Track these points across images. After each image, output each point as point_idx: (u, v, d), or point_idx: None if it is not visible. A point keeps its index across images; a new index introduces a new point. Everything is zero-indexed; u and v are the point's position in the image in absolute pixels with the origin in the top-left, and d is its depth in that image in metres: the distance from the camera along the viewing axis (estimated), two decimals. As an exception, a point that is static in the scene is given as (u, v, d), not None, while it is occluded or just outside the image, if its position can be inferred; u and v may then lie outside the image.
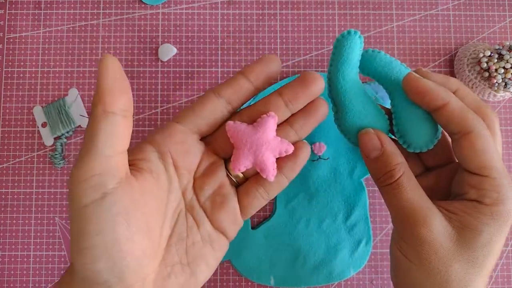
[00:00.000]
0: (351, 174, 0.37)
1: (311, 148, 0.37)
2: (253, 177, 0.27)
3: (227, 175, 0.27)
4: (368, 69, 0.27)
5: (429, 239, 0.24)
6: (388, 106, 0.31)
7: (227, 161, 0.27)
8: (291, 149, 0.26)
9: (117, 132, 0.21)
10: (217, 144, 0.27)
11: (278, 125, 0.26)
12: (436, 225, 0.24)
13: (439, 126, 0.27)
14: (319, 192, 0.37)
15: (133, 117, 0.40)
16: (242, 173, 0.27)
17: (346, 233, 0.37)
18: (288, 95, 0.26)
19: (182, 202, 0.25)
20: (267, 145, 0.25)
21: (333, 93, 0.27)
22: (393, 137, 0.28)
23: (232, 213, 0.26)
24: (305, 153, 0.27)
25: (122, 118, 0.21)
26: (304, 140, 0.27)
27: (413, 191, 0.25)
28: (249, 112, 0.26)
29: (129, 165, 0.23)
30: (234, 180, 0.27)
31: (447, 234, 0.24)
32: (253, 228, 0.38)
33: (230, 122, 0.25)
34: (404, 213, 0.24)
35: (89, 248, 0.20)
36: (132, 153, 0.24)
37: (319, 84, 0.25)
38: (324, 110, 0.26)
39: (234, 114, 0.27)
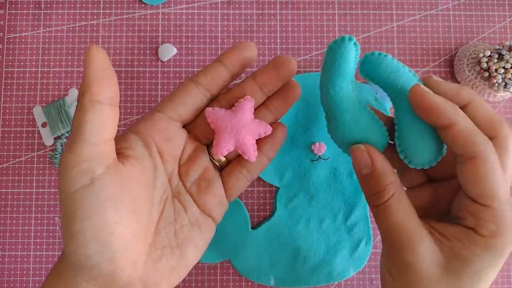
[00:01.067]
0: (351, 174, 0.37)
1: (311, 148, 0.37)
2: (235, 159, 0.28)
3: (210, 159, 0.27)
4: (372, 74, 0.24)
5: (415, 265, 0.23)
6: (388, 107, 0.31)
7: (209, 146, 0.28)
8: (269, 130, 0.27)
9: (104, 120, 0.21)
10: (198, 131, 0.27)
11: (255, 109, 0.27)
12: (423, 251, 0.23)
13: (442, 144, 0.25)
14: (319, 192, 0.37)
15: (133, 117, 0.40)
16: (224, 156, 0.27)
17: (346, 233, 0.37)
18: (262, 79, 0.26)
19: (169, 188, 0.26)
20: (247, 128, 0.26)
21: (324, 104, 0.25)
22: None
23: (218, 196, 0.27)
24: (282, 133, 0.28)
25: (109, 107, 0.22)
26: (280, 121, 0.28)
27: (402, 214, 0.23)
28: (226, 98, 0.27)
29: (116, 153, 0.23)
30: (217, 164, 0.28)
31: (434, 261, 0.23)
32: (253, 228, 0.38)
33: (209, 109, 0.26)
34: (391, 236, 0.24)
35: (79, 232, 0.21)
36: (118, 142, 0.24)
37: (290, 67, 0.26)
38: (297, 91, 0.27)
39: (212, 100, 0.27)
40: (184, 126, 0.27)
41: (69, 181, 0.21)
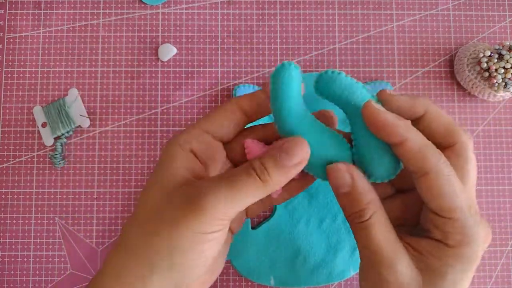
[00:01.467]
0: None
1: None
2: None
3: None
4: (327, 92, 0.24)
5: (394, 283, 0.23)
6: None
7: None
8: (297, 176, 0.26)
9: None
10: (233, 152, 0.27)
11: None
12: (403, 270, 0.23)
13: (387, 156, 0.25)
14: (319, 192, 0.37)
15: (133, 117, 0.40)
16: None
17: (346, 233, 0.37)
18: None
19: None
20: None
21: (282, 131, 0.24)
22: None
23: (241, 215, 0.28)
24: (307, 185, 0.28)
25: None
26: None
27: (382, 233, 0.23)
28: (264, 131, 0.27)
29: None
30: None
31: (413, 278, 0.23)
32: (253, 228, 0.38)
33: (248, 140, 0.26)
34: (371, 254, 0.23)
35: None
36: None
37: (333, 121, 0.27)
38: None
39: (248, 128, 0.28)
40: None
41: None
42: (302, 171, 0.25)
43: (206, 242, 0.23)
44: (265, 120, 0.37)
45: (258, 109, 0.26)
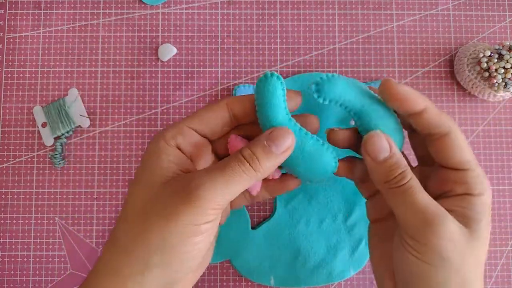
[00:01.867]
0: None
1: None
2: None
3: None
4: (331, 95, 0.25)
5: (450, 238, 0.24)
6: None
7: None
8: (278, 174, 0.28)
9: None
10: (221, 148, 0.29)
11: None
12: (451, 225, 0.24)
13: (403, 134, 0.27)
14: (319, 192, 0.37)
15: (133, 117, 0.40)
16: None
17: (346, 233, 0.37)
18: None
19: None
20: None
21: None
22: (358, 155, 0.28)
23: (227, 206, 0.29)
24: (292, 186, 0.29)
25: None
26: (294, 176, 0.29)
27: (424, 193, 0.25)
28: (252, 131, 0.28)
29: None
30: None
31: (461, 232, 0.24)
32: (253, 228, 0.38)
33: (233, 136, 0.27)
34: (419, 215, 0.24)
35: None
36: None
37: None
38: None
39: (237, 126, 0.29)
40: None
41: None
42: (285, 173, 0.27)
43: (199, 234, 0.23)
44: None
45: (247, 113, 0.27)
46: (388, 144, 0.25)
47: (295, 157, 0.25)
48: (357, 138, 0.28)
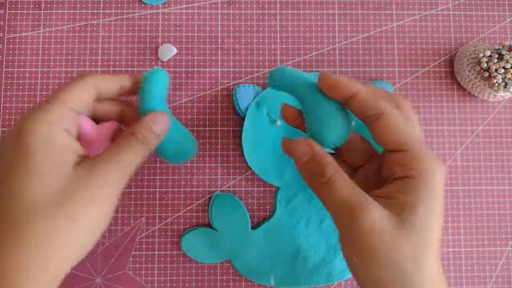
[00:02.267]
0: None
1: None
2: None
3: None
4: (279, 83, 0.28)
5: (371, 228, 0.24)
6: None
7: None
8: (114, 125, 0.30)
9: None
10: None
11: None
12: (373, 213, 0.24)
13: (348, 121, 0.28)
14: None
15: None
16: None
17: None
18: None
19: None
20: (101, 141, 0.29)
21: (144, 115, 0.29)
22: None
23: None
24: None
25: None
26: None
27: (346, 185, 0.25)
28: (123, 107, 0.30)
29: None
30: None
31: (387, 220, 0.24)
32: (253, 228, 0.38)
33: (83, 117, 0.27)
34: (342, 208, 0.25)
35: None
36: None
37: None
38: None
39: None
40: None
41: None
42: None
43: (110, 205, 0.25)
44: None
45: (110, 88, 0.28)
46: (308, 147, 0.26)
47: (166, 144, 0.29)
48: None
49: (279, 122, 0.38)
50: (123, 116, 0.30)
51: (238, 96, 0.38)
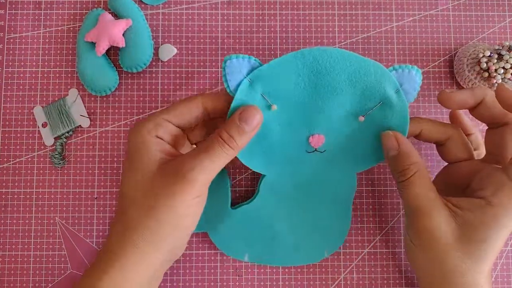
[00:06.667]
0: (344, 168, 0.35)
1: (309, 140, 0.34)
2: None
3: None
4: None
5: (432, 230, 0.28)
6: (408, 103, 0.32)
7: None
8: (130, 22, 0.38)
9: None
10: (194, 136, 0.35)
11: None
12: (438, 218, 0.28)
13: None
14: (307, 183, 0.36)
15: (133, 117, 0.40)
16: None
17: (327, 222, 0.36)
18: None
19: None
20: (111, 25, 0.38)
21: None
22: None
23: None
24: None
25: None
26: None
27: (422, 188, 0.29)
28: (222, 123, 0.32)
29: None
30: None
31: (448, 227, 0.28)
32: (233, 206, 0.37)
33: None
34: (412, 206, 0.29)
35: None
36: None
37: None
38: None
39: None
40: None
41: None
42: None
43: (195, 205, 0.29)
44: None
45: (219, 110, 0.31)
46: (396, 143, 0.30)
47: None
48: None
49: (275, 107, 0.32)
50: None
51: (228, 70, 0.31)
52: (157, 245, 0.28)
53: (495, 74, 0.36)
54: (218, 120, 0.34)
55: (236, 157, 0.31)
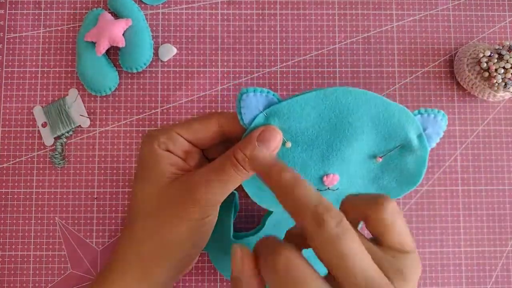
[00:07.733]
0: None
1: (323, 179, 0.31)
2: None
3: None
4: None
5: None
6: (429, 148, 0.29)
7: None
8: (129, 22, 0.38)
9: None
10: (211, 154, 0.32)
11: None
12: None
13: None
14: None
15: (133, 117, 0.40)
16: None
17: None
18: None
19: None
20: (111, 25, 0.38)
21: None
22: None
23: None
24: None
25: None
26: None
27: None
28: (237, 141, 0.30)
29: None
30: None
31: None
32: (236, 236, 0.36)
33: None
34: None
35: None
36: None
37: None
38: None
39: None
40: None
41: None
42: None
43: (203, 225, 0.27)
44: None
45: (236, 130, 0.29)
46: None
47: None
48: None
49: (289, 144, 0.29)
50: None
51: (244, 104, 0.28)
52: (161, 263, 0.27)
53: (495, 74, 0.36)
54: (235, 138, 0.30)
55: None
